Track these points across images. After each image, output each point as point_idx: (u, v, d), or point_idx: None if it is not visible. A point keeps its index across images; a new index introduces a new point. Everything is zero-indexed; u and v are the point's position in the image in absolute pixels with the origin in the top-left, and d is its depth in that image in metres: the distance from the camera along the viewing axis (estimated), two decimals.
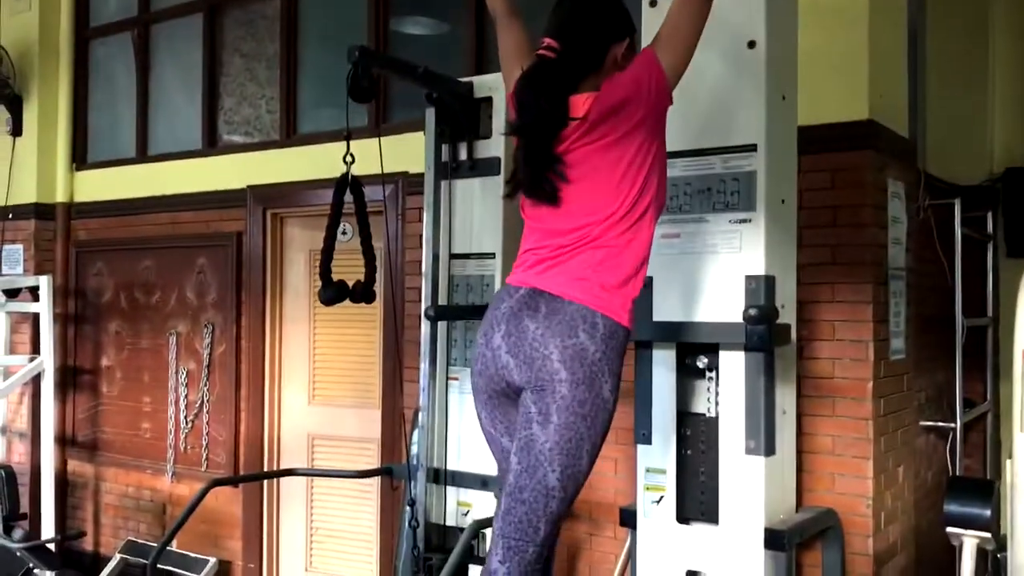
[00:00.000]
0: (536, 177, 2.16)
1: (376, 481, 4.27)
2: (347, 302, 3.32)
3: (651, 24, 2.59)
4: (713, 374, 2.65)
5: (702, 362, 2.65)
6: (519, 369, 2.10)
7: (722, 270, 2.62)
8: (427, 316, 3.27)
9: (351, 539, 4.59)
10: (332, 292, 3.14)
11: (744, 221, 2.60)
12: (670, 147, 2.30)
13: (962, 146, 4.29)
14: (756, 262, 2.58)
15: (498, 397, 2.18)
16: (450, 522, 3.35)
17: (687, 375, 2.71)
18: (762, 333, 2.43)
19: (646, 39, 2.33)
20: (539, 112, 2.13)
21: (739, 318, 2.48)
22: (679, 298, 2.68)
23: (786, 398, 2.73)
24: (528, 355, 2.08)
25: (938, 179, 3.86)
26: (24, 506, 4.97)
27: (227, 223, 4.96)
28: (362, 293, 3.19)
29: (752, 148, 2.60)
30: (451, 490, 3.41)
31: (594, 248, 2.12)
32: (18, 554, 4.19)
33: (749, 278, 2.56)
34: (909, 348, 3.39)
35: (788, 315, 2.70)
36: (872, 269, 3.10)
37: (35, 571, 4.28)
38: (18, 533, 4.25)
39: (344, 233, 4.37)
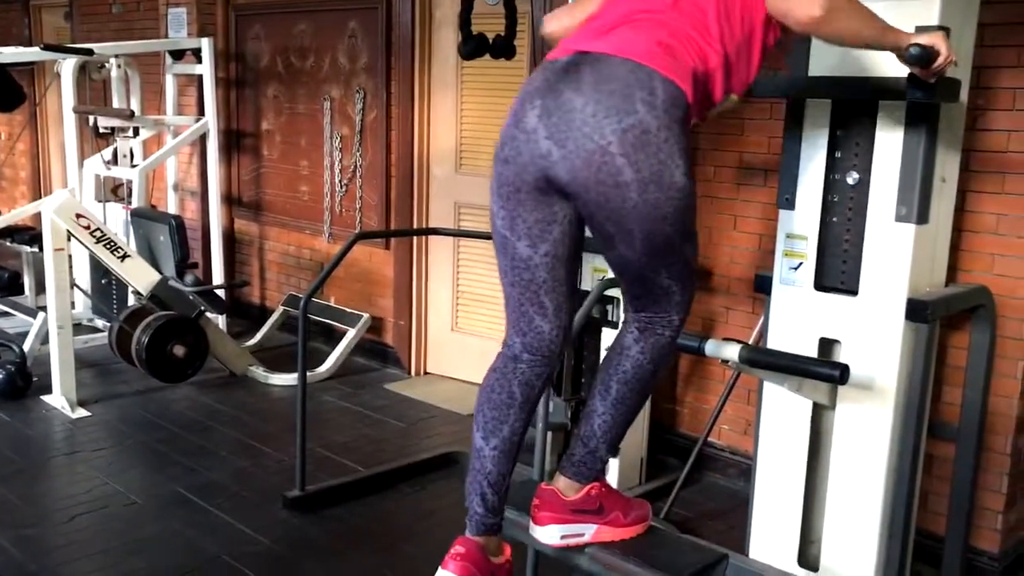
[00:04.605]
0: None
1: None
2: (489, 58, 3.27)
3: None
4: (870, 136, 2.46)
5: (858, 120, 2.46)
6: (566, 162, 1.73)
7: (889, 19, 2.37)
8: None
9: (493, 302, 4.74)
10: (472, 45, 3.09)
11: None
12: None
13: None
14: (928, 10, 2.32)
15: (527, 192, 1.81)
16: (584, 286, 3.38)
17: (839, 136, 2.54)
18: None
19: None
20: None
21: (902, 73, 2.26)
22: (838, 52, 2.46)
23: (947, 166, 2.53)
24: (580, 145, 1.71)
25: None
26: (196, 258, 5.37)
27: None
28: (502, 47, 3.11)
29: None
30: (586, 256, 3.42)
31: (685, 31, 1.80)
32: (191, 297, 4.55)
33: (919, 28, 2.31)
34: None
35: (961, 74, 2.45)
36: None
37: (206, 313, 4.65)
38: (190, 278, 4.59)
39: None
